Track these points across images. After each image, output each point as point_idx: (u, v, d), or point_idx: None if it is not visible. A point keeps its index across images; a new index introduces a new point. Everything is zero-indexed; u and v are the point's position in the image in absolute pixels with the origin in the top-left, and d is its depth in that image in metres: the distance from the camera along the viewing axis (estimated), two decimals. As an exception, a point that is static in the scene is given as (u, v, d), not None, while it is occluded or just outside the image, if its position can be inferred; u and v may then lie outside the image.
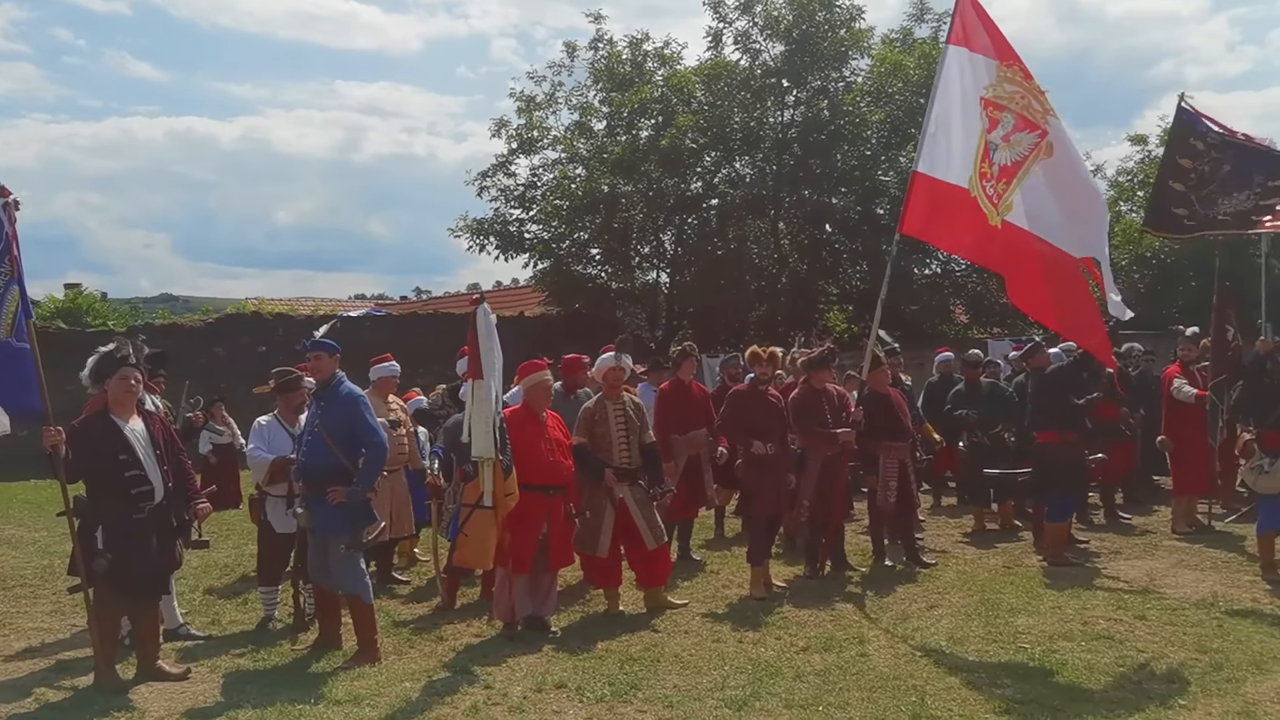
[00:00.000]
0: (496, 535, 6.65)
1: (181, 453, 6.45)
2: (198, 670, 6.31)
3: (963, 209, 7.63)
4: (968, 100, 7.80)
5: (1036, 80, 7.84)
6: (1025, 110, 7.69)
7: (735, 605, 7.65)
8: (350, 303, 40.61)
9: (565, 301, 23.26)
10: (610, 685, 5.86)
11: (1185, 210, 9.50)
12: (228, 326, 19.60)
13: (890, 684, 5.78)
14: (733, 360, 10.56)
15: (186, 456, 6.57)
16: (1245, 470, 8.29)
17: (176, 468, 6.26)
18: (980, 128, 7.68)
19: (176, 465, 6.27)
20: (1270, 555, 8.04)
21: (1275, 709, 5.28)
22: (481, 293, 7.28)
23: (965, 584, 8.09)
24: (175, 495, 6.20)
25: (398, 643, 6.85)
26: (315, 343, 6.65)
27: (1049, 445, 8.80)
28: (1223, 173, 9.51)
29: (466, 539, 6.72)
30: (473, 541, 6.69)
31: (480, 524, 6.63)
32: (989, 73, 7.78)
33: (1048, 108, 7.74)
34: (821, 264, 22.77)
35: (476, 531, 6.65)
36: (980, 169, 7.62)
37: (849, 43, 21.70)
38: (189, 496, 6.37)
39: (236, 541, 10.35)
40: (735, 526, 10.20)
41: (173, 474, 6.18)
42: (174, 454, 6.29)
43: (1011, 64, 7.79)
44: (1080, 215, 7.63)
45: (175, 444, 6.39)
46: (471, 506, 6.64)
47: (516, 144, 23.02)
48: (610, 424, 7.51)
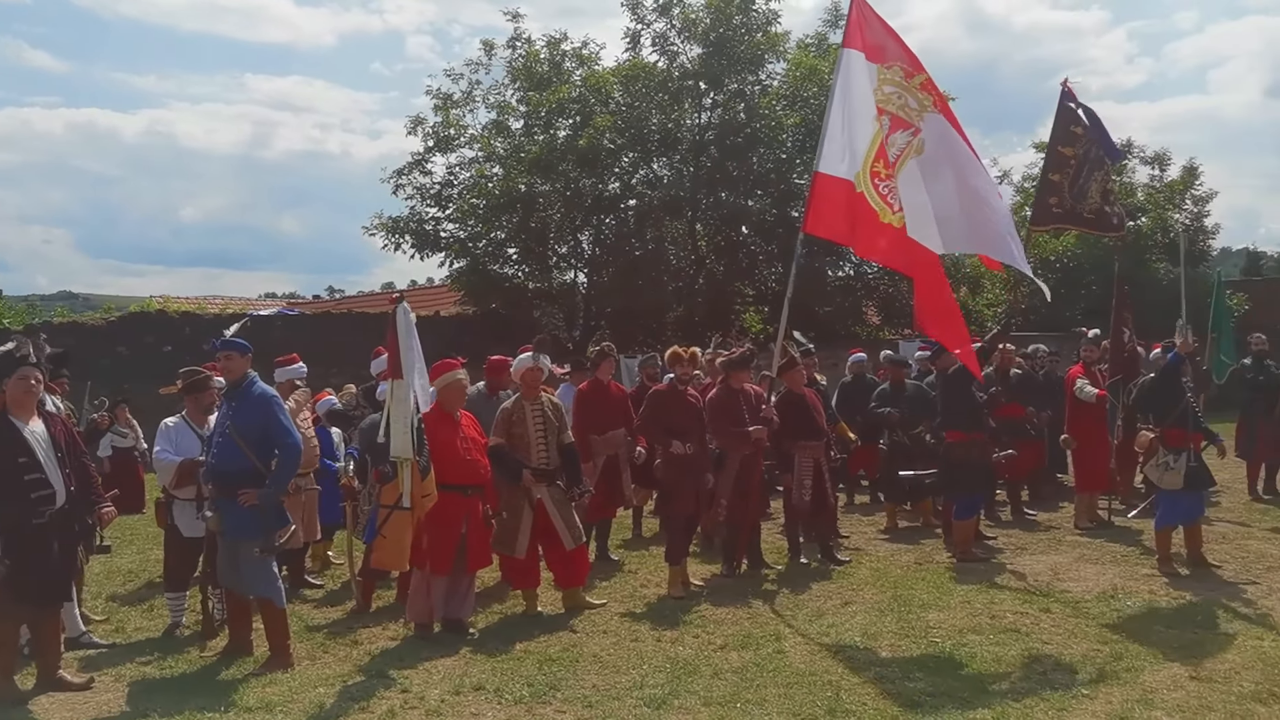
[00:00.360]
0: (413, 536, 6.59)
1: (84, 455, 6.27)
2: (101, 679, 6.12)
3: (855, 205, 7.82)
4: (863, 101, 7.97)
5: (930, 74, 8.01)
6: (901, 110, 7.90)
7: (653, 604, 7.68)
8: (261, 301, 39.75)
9: (482, 301, 23.07)
10: (529, 686, 5.84)
11: (1056, 199, 9.48)
12: (131, 325, 18.98)
13: (806, 680, 5.87)
14: (651, 360, 10.60)
15: (89, 459, 6.38)
16: (1150, 467, 8.59)
17: (79, 471, 6.07)
18: (874, 129, 7.87)
19: (79, 468, 6.08)
20: (1167, 549, 8.36)
21: (1171, 696, 5.49)
22: (401, 292, 7.20)
23: (878, 580, 8.25)
24: (78, 499, 6.01)
25: (311, 648, 6.73)
26: (226, 342, 6.49)
27: (956, 445, 9.03)
28: (1090, 157, 9.57)
29: (384, 540, 6.63)
30: (390, 543, 6.60)
31: (398, 525, 6.55)
32: (871, 77, 7.97)
33: (926, 105, 7.91)
34: (738, 265, 22.98)
35: (394, 533, 6.57)
36: (873, 168, 7.81)
37: (765, 47, 21.94)
38: (92, 500, 6.17)
39: (141, 546, 10.06)
40: (653, 526, 10.25)
41: (75, 477, 5.99)
42: (76, 456, 6.10)
43: (891, 64, 7.97)
44: (960, 211, 7.82)
45: (77, 446, 6.20)
46: (389, 508, 6.56)
47: (433, 142, 22.75)
48: (528, 424, 7.48)
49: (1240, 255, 43.77)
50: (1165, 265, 23.01)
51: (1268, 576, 8.06)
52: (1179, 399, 8.37)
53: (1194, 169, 25.12)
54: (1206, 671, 5.84)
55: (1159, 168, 25.37)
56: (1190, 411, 8.33)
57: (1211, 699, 5.44)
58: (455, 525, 6.89)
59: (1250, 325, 16.02)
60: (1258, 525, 10.12)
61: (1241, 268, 38.67)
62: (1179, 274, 21.72)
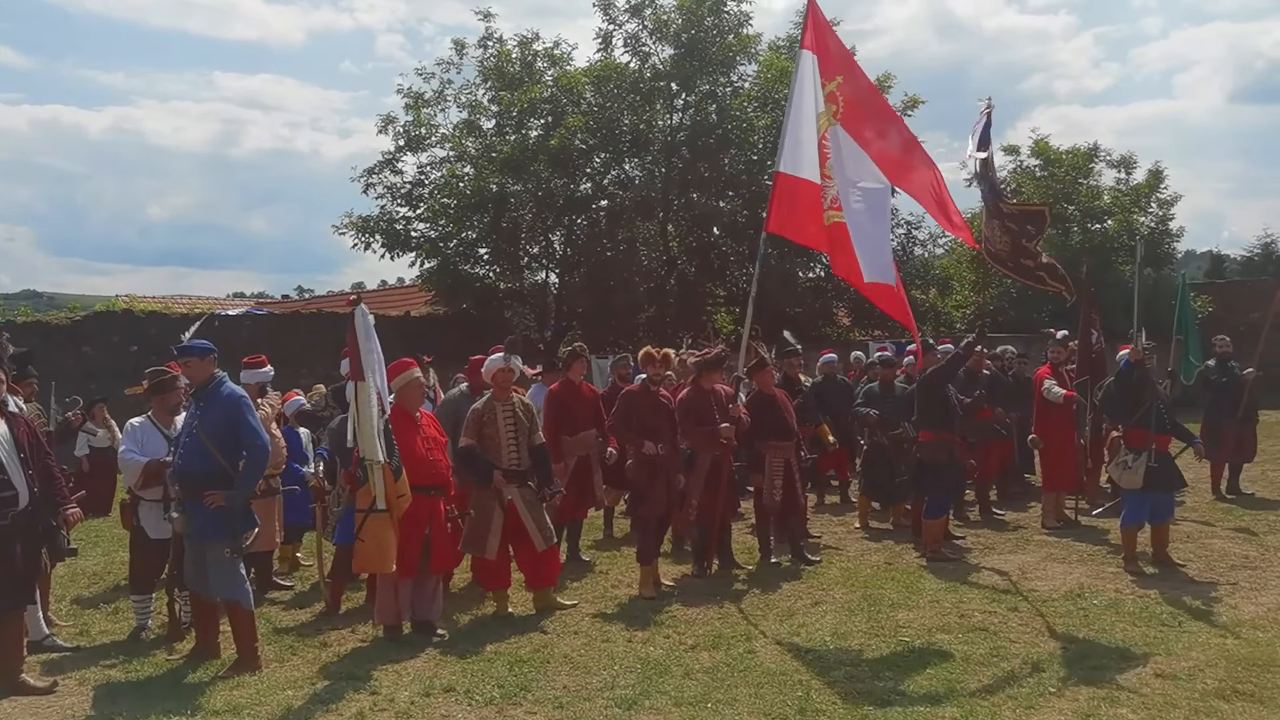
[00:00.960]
0: (394, 538, 6.56)
1: (48, 456, 6.18)
2: (65, 683, 6.04)
3: (813, 202, 7.91)
4: (817, 102, 8.05)
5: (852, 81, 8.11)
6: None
7: (625, 605, 7.68)
8: (229, 301, 39.38)
9: (453, 301, 23.01)
10: (499, 687, 5.82)
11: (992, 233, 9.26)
12: (97, 325, 18.76)
13: (777, 679, 5.89)
14: (623, 361, 10.60)
15: (53, 460, 6.29)
16: (1111, 466, 8.69)
17: (43, 472, 5.99)
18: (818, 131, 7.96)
19: (43, 469, 6.00)
20: (1132, 548, 8.45)
21: (1137, 694, 5.55)
22: (359, 294, 7.18)
23: (848, 580, 8.29)
24: (41, 501, 5.93)
25: (279, 650, 6.67)
26: (184, 348, 6.42)
27: (926, 444, 9.09)
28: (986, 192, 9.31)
29: (364, 545, 6.59)
30: (370, 547, 6.57)
31: (376, 528, 6.53)
32: (817, 79, 8.08)
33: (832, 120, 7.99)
34: (709, 266, 23.06)
35: (373, 536, 6.54)
36: (823, 170, 7.93)
37: (736, 48, 22.03)
38: (57, 502, 6.09)
39: (106, 548, 9.94)
40: (624, 527, 10.24)
41: (39, 479, 5.91)
42: (40, 458, 6.02)
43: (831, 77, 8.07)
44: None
45: (41, 447, 6.12)
46: (365, 511, 6.52)
47: (404, 141, 22.70)
48: (499, 425, 7.45)
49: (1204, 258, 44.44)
50: (1131, 268, 23.25)
51: (1231, 575, 8.16)
52: (1142, 401, 8.47)
53: (1159, 173, 25.42)
54: (1171, 669, 5.91)
55: (1125, 171, 25.65)
56: (1157, 413, 8.42)
57: (1176, 696, 5.50)
58: (420, 526, 6.86)
59: (1214, 327, 16.24)
60: (1221, 524, 10.25)
61: (1205, 270, 39.23)
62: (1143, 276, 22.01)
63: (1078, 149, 25.34)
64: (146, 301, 23.44)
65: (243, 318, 21.73)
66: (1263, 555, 8.83)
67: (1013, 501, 11.56)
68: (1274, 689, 5.56)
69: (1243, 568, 8.41)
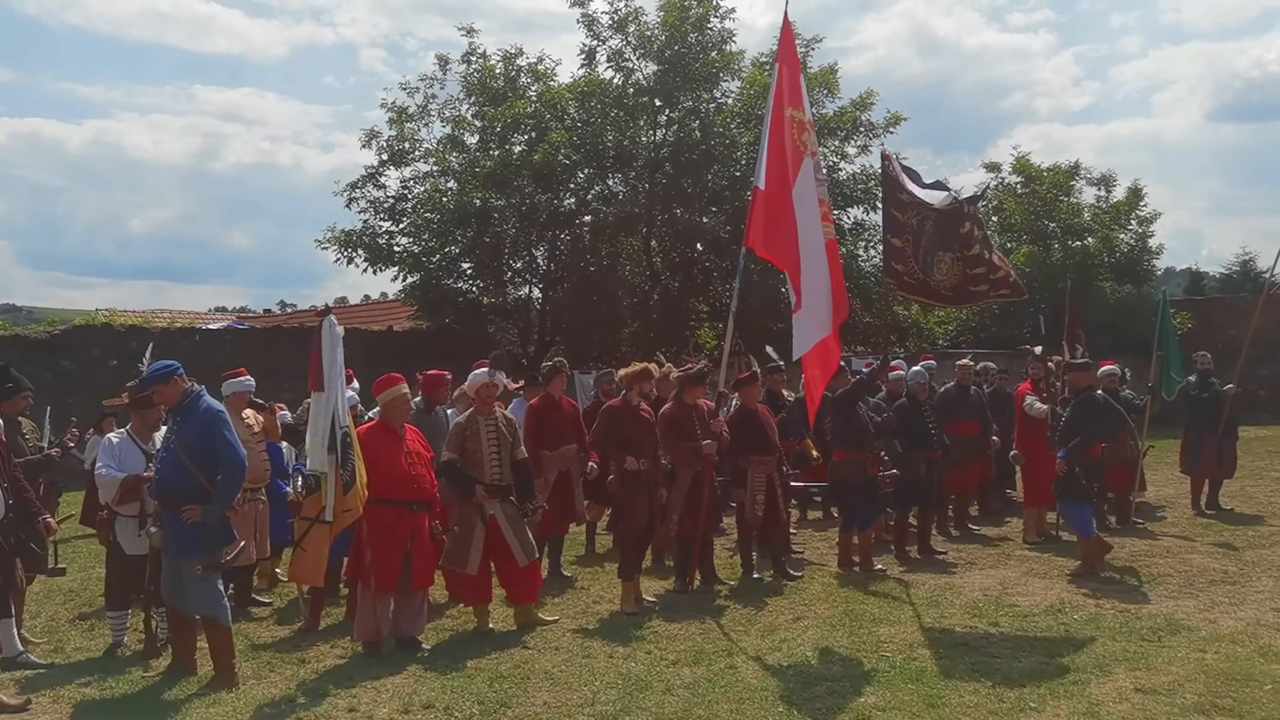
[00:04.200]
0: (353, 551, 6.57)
1: (18, 470, 6.15)
2: (39, 700, 5.97)
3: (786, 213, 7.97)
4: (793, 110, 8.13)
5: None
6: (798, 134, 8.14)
7: (606, 620, 7.65)
8: (210, 315, 39.10)
9: (435, 316, 22.94)
10: (479, 704, 5.79)
11: (904, 268, 8.99)
12: (76, 338, 18.59)
13: (758, 695, 5.87)
14: (607, 376, 10.60)
15: (21, 472, 6.27)
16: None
17: (13, 484, 5.96)
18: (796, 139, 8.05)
19: (13, 481, 5.97)
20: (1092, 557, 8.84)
21: (1117, 708, 5.56)
22: (328, 305, 7.18)
23: (830, 596, 8.28)
24: (15, 515, 5.89)
25: (257, 666, 6.61)
26: (145, 379, 6.41)
27: (840, 464, 9.24)
28: (929, 229, 9.13)
29: (303, 554, 6.60)
30: (308, 557, 6.59)
31: (317, 539, 6.54)
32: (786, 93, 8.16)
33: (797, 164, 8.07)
34: (693, 282, 23.06)
35: (313, 547, 6.56)
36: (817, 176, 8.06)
37: (720, 65, 22.08)
38: (32, 513, 6.07)
39: (83, 565, 9.83)
40: (606, 543, 10.22)
41: (12, 492, 5.87)
42: (9, 471, 5.99)
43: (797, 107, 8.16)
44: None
45: (10, 461, 6.09)
46: (311, 521, 6.52)
47: (387, 155, 22.63)
48: (482, 439, 7.43)
49: (1184, 275, 44.80)
50: (1111, 284, 23.43)
51: (1210, 590, 8.20)
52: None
53: (1139, 190, 25.63)
54: (1151, 683, 5.92)
55: (1105, 189, 25.85)
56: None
57: (1156, 711, 5.51)
58: (400, 541, 6.82)
59: (1194, 343, 16.34)
60: (1201, 540, 10.30)
61: (1184, 287, 39.53)
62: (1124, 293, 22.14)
63: (1059, 166, 25.53)
64: (127, 315, 23.28)
65: (224, 332, 21.61)
66: (1242, 570, 8.87)
67: (993, 517, 11.59)
68: (1253, 703, 5.59)
69: (1222, 583, 8.45)
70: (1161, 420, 12.79)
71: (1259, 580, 8.50)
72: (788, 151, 8.01)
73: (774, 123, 8.08)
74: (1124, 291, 23.56)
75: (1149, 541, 10.23)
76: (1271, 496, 12.79)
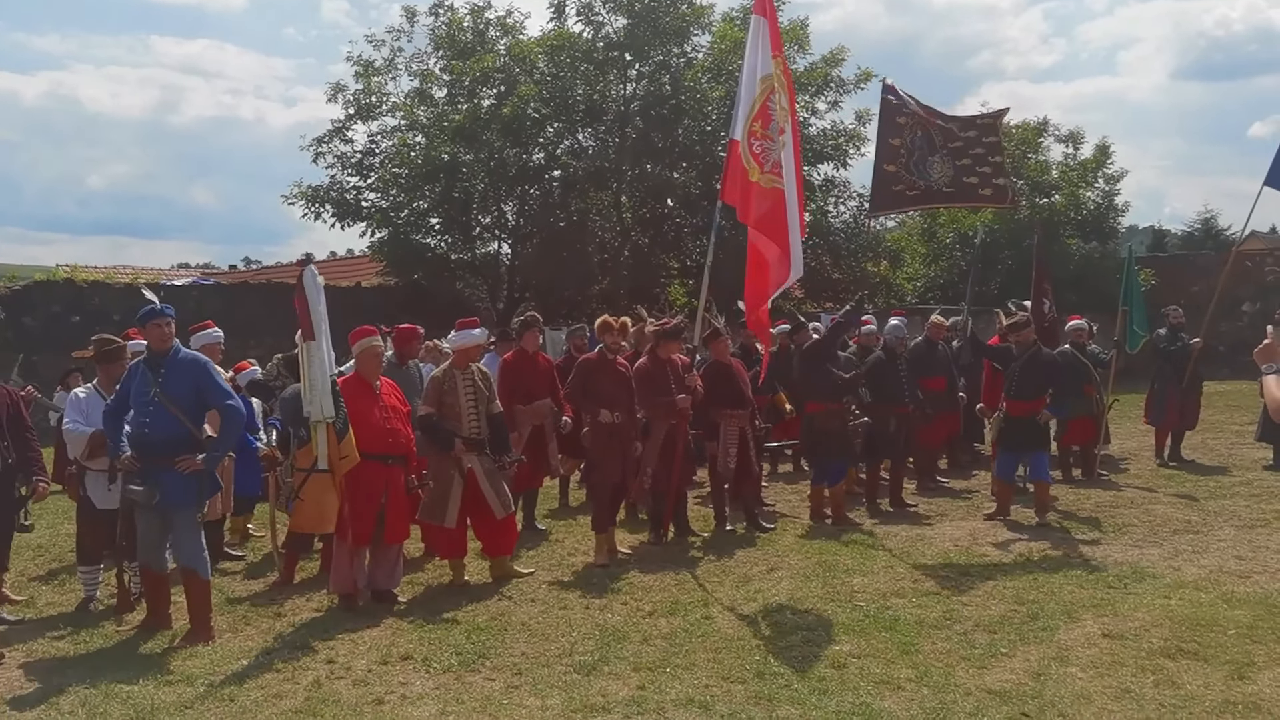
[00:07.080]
0: (336, 499, 6.53)
1: (28, 429, 6.17)
2: (12, 655, 5.94)
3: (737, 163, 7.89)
4: (758, 60, 8.07)
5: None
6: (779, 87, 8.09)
7: (581, 573, 7.69)
8: (174, 271, 38.64)
9: (404, 272, 22.77)
10: (457, 655, 5.81)
11: (903, 185, 9.38)
12: (37, 294, 18.29)
13: (735, 644, 5.93)
14: (579, 331, 10.58)
15: (33, 433, 6.27)
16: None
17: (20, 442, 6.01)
18: (759, 88, 7.94)
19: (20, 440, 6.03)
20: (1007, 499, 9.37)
21: (1085, 653, 5.68)
22: (309, 255, 7.08)
23: (803, 547, 8.36)
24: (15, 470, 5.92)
25: (233, 620, 6.60)
26: (158, 310, 6.22)
27: (816, 415, 9.26)
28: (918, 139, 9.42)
29: (304, 504, 6.57)
30: (309, 506, 6.56)
31: (317, 488, 6.51)
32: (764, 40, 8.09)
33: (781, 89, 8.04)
34: (663, 238, 23.02)
35: (313, 495, 6.52)
36: (751, 127, 7.88)
37: (690, 19, 21.91)
38: (33, 472, 6.07)
39: (51, 521, 9.73)
40: (580, 496, 10.25)
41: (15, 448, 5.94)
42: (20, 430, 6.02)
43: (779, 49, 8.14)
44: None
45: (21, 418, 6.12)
46: (306, 471, 6.49)
47: (354, 110, 22.35)
48: (459, 394, 7.40)
49: (1146, 233, 45.26)
50: (1078, 242, 23.63)
51: (1173, 539, 8.36)
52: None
53: (1106, 148, 25.77)
54: (1118, 629, 6.05)
55: (1073, 146, 25.97)
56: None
57: (1123, 655, 5.63)
58: (375, 496, 6.81)
59: (1157, 299, 16.57)
60: (1163, 490, 10.49)
61: (1148, 245, 39.98)
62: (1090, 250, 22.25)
63: (1027, 123, 25.61)
64: (89, 271, 22.90)
65: (189, 288, 21.35)
66: (1204, 520, 9.05)
67: (962, 470, 11.74)
68: (1216, 647, 5.72)
69: (1185, 532, 8.62)
70: (1125, 375, 12.96)
71: (1220, 529, 8.69)
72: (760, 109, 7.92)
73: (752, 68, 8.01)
74: (1089, 248, 23.77)
75: (1113, 493, 10.41)
76: (1232, 449, 13.03)
